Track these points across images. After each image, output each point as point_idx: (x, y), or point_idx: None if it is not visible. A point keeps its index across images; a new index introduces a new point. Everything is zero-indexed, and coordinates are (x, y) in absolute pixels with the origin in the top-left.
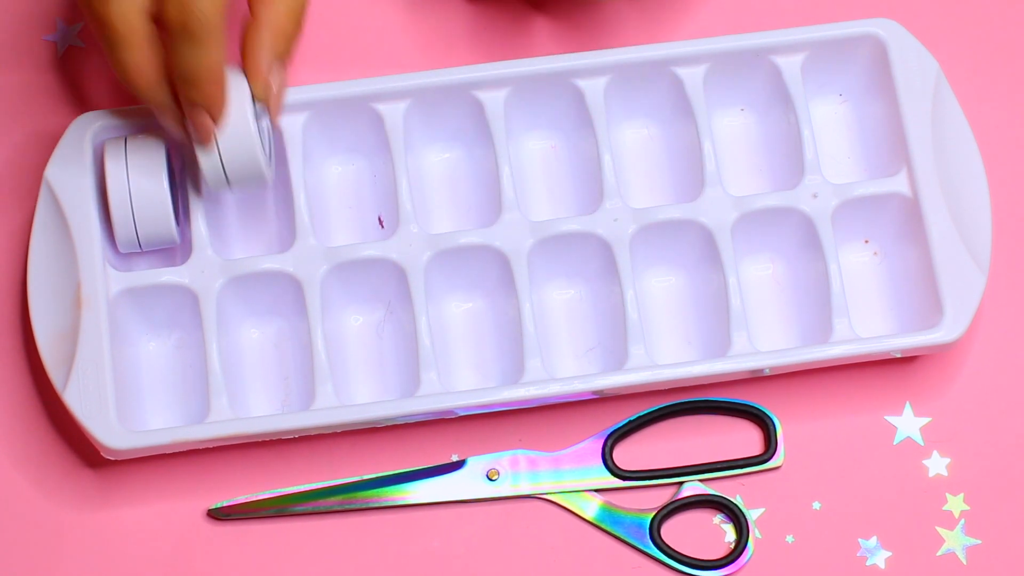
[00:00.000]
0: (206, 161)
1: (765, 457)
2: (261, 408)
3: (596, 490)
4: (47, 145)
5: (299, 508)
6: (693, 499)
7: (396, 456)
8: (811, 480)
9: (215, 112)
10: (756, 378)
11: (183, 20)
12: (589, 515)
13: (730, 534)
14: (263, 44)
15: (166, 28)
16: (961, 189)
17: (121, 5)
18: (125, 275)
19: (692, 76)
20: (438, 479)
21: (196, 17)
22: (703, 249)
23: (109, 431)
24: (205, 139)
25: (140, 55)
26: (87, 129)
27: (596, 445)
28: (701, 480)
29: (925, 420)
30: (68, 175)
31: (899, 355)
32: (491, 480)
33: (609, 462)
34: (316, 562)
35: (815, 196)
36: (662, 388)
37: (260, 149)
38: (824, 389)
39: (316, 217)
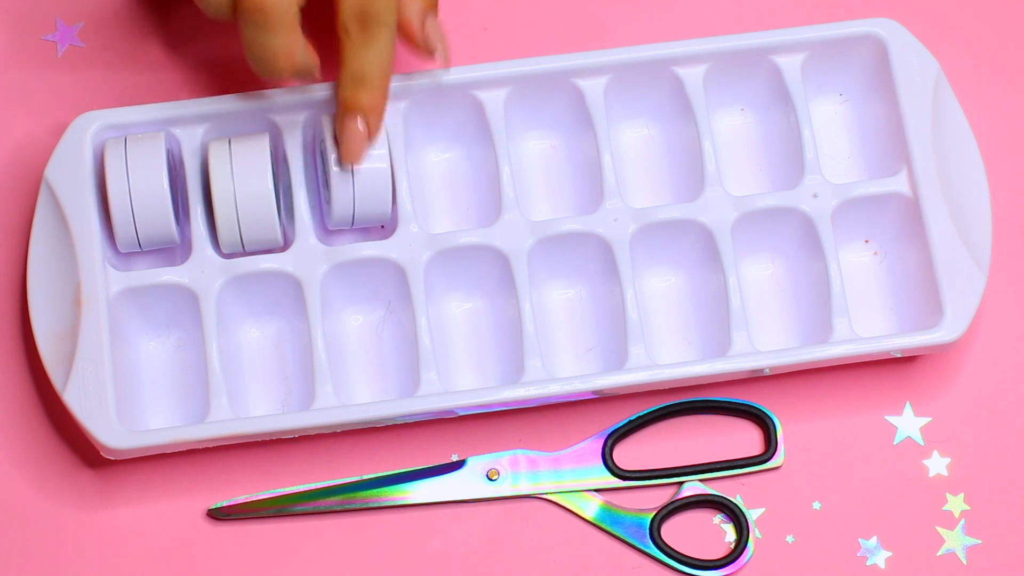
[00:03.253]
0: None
1: (765, 457)
2: (261, 408)
3: (596, 490)
4: (47, 145)
5: (299, 508)
6: (693, 499)
7: (396, 456)
8: (811, 480)
9: (374, 120)
10: (756, 378)
11: (363, 11)
12: (589, 515)
13: (730, 534)
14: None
15: (340, 22)
16: (961, 189)
17: None
18: (125, 275)
19: (692, 76)
20: (438, 479)
21: (376, 10)
22: (703, 249)
23: (109, 431)
24: (355, 154)
25: (288, 38)
26: (87, 129)
27: (596, 445)
28: (701, 480)
29: (925, 420)
30: (68, 175)
31: (899, 355)
32: (491, 480)
33: (609, 462)
34: (316, 562)
35: (815, 196)
36: (662, 388)
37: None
38: (824, 389)
39: (316, 217)
